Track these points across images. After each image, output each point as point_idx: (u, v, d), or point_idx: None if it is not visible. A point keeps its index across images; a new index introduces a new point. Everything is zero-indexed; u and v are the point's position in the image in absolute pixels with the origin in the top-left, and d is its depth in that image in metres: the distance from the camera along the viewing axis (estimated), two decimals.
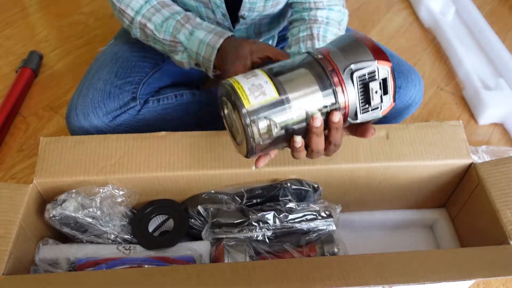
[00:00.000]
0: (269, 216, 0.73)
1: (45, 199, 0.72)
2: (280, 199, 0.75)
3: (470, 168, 0.76)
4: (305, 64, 0.58)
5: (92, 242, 0.72)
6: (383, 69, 0.57)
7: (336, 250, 0.71)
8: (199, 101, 0.95)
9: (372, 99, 0.57)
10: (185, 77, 0.99)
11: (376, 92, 0.57)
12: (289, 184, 0.75)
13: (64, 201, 0.69)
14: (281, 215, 0.73)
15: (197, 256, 0.70)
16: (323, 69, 0.56)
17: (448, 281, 0.58)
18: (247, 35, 0.93)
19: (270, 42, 1.00)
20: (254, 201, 0.76)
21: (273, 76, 0.57)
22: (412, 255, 0.63)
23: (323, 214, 0.74)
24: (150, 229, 0.74)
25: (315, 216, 0.74)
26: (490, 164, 0.74)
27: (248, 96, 0.55)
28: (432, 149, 0.75)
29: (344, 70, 0.56)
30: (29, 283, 0.60)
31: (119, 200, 0.72)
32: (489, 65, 1.30)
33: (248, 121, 0.54)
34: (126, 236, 0.72)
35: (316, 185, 0.76)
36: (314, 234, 0.73)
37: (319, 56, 0.58)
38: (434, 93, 1.25)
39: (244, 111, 0.54)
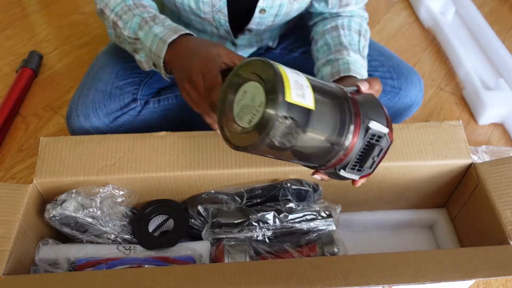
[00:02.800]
0: (269, 216, 0.73)
1: (45, 199, 0.72)
2: (280, 199, 0.75)
3: (470, 168, 0.76)
4: (336, 94, 0.56)
5: (92, 242, 0.72)
6: (386, 142, 0.57)
7: (336, 250, 0.71)
8: None
9: (367, 162, 0.58)
10: None
11: (373, 157, 0.58)
12: (289, 184, 0.75)
13: (64, 201, 0.69)
14: (281, 215, 0.73)
15: (197, 256, 0.70)
16: (349, 109, 0.55)
17: (448, 281, 0.58)
18: (249, 43, 0.94)
19: (270, 44, 1.00)
20: (254, 201, 0.76)
21: (312, 86, 0.53)
22: (412, 255, 0.63)
23: (323, 214, 0.74)
24: (150, 229, 0.74)
25: (315, 216, 0.74)
26: (490, 164, 0.74)
27: (291, 89, 0.50)
28: (432, 149, 0.75)
29: (364, 121, 0.56)
30: (29, 283, 0.60)
31: (119, 200, 0.72)
32: (489, 65, 1.30)
33: (280, 113, 0.48)
34: (126, 236, 0.72)
35: (316, 185, 0.76)
36: (314, 234, 0.73)
37: (349, 95, 0.57)
38: (434, 93, 1.25)
39: (281, 99, 0.48)
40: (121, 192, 0.72)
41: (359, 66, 0.76)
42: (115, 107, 0.84)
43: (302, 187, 0.75)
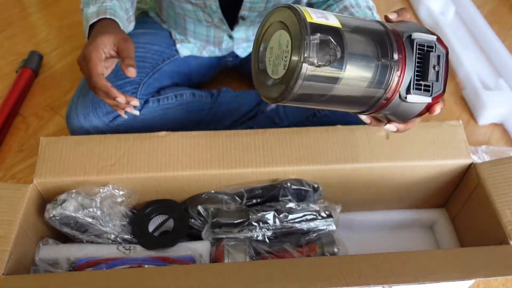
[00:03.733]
0: (269, 216, 0.73)
1: (45, 199, 0.72)
2: (280, 199, 0.75)
3: (470, 168, 0.76)
4: (366, 20, 0.55)
5: (92, 242, 0.72)
6: (440, 49, 0.54)
7: (336, 250, 0.71)
8: (199, 101, 0.95)
9: (429, 73, 0.53)
10: (185, 78, 0.99)
11: (433, 67, 0.53)
12: (289, 184, 0.75)
13: (64, 201, 0.69)
14: (281, 215, 0.73)
15: (197, 256, 0.70)
16: (385, 28, 0.53)
17: (448, 281, 0.58)
18: (246, 36, 0.94)
19: None
20: (254, 201, 0.76)
21: (337, 16, 0.52)
22: (412, 255, 0.63)
23: (323, 214, 0.74)
24: (150, 229, 0.74)
25: (315, 216, 0.74)
26: (490, 164, 0.74)
27: (310, 13, 0.48)
28: (432, 149, 0.75)
29: (404, 35, 0.53)
30: (29, 283, 0.60)
31: (119, 200, 0.72)
32: (489, 65, 1.30)
33: (307, 33, 0.47)
34: (126, 236, 0.72)
35: (316, 185, 0.76)
36: (314, 234, 0.73)
37: (381, 21, 0.56)
38: None
39: (305, 22, 0.47)
40: (121, 192, 0.72)
41: None
42: None
43: (302, 187, 0.75)
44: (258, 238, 0.73)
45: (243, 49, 0.99)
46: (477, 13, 1.40)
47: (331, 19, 0.50)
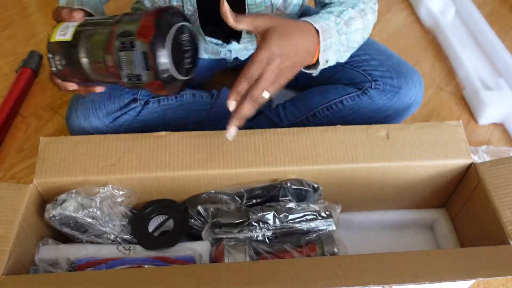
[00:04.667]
0: (269, 216, 0.73)
1: (45, 199, 0.72)
2: (280, 199, 0.75)
3: (470, 168, 0.76)
4: (103, 23, 0.66)
5: (92, 242, 0.72)
6: (140, 42, 0.61)
7: (336, 250, 0.71)
8: (199, 101, 0.95)
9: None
10: None
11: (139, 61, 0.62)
12: (289, 184, 0.74)
13: (64, 201, 0.69)
14: (281, 215, 0.73)
15: (197, 256, 0.70)
16: (110, 30, 0.63)
17: (448, 281, 0.58)
18: (244, 47, 0.94)
19: None
20: (254, 201, 0.76)
21: (80, 25, 0.67)
22: (412, 255, 0.63)
23: (323, 214, 0.74)
24: (150, 229, 0.74)
25: (315, 216, 0.74)
26: (490, 164, 0.74)
27: (55, 34, 0.67)
28: (432, 149, 0.75)
29: (117, 36, 0.62)
30: (29, 283, 0.60)
31: (119, 200, 0.72)
32: (489, 65, 1.30)
33: (48, 53, 0.67)
34: (126, 236, 0.72)
35: (316, 185, 0.76)
36: (314, 234, 0.73)
37: (117, 18, 0.65)
38: (434, 93, 1.25)
39: (48, 41, 0.68)
40: (121, 192, 0.72)
41: (318, 19, 0.71)
42: (115, 107, 0.84)
43: (302, 187, 0.75)
44: (258, 238, 0.73)
45: (243, 54, 0.99)
46: (477, 13, 1.40)
47: (67, 34, 0.66)
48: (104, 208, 0.71)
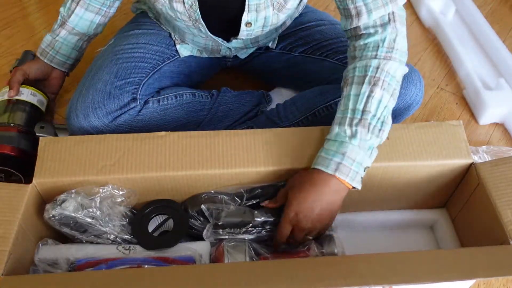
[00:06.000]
0: (270, 216, 0.73)
1: (45, 199, 0.72)
2: None
3: (470, 168, 0.76)
4: None
5: (91, 242, 0.72)
6: None
7: (336, 250, 0.71)
8: (199, 101, 0.95)
9: None
10: (185, 78, 0.99)
11: None
12: None
13: (63, 201, 0.69)
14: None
15: (197, 256, 0.70)
16: None
17: (448, 281, 0.58)
18: (244, 45, 0.94)
19: (270, 44, 1.00)
20: (254, 201, 0.76)
21: None
22: (412, 255, 0.63)
23: None
24: (150, 229, 0.74)
25: None
26: (490, 164, 0.74)
27: None
28: (432, 149, 0.75)
29: None
30: (29, 283, 0.60)
31: (119, 200, 0.72)
32: (489, 65, 1.30)
33: None
34: (126, 236, 0.72)
35: None
36: None
37: None
38: (435, 93, 1.25)
39: None
40: (121, 192, 0.72)
41: (330, 153, 0.68)
42: (115, 107, 0.83)
43: None
44: (258, 238, 0.73)
45: (243, 52, 0.99)
46: (477, 13, 1.40)
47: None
48: (104, 208, 0.70)
